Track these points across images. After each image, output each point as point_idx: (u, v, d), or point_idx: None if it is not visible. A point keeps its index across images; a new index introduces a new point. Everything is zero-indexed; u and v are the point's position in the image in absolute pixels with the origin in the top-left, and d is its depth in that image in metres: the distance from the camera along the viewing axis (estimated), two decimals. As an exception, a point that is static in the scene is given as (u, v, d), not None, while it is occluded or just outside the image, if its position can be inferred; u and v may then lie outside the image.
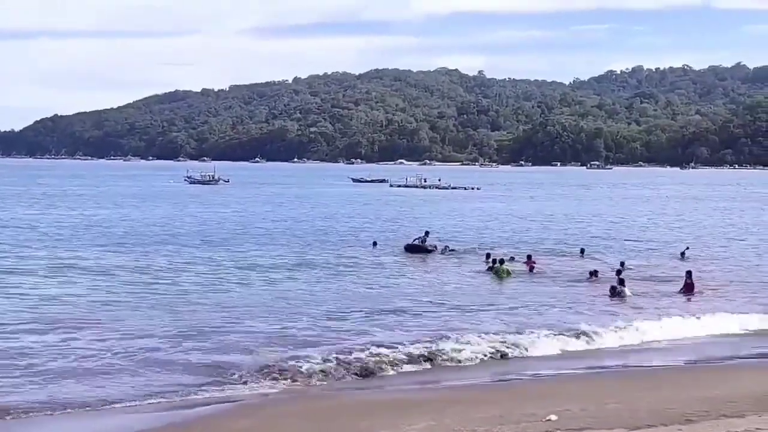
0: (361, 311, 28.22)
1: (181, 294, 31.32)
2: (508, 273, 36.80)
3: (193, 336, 23.95)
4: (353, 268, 39.48)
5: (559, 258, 43.93)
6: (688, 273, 33.80)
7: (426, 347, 22.67)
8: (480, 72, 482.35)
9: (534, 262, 39.31)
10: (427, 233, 46.90)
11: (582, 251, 45.66)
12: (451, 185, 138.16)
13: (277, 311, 27.99)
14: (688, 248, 45.81)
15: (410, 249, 44.68)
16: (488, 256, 40.41)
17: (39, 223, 62.85)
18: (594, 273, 36.50)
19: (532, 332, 24.68)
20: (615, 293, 32.06)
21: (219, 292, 32.11)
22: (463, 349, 22.59)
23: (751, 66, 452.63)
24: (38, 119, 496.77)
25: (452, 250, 44.80)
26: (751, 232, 63.32)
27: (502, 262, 37.98)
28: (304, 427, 15.64)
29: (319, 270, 38.42)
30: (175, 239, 51.64)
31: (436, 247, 44.81)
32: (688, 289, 32.96)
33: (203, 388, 19.03)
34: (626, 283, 32.82)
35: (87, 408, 17.51)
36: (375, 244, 47.80)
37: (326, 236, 54.57)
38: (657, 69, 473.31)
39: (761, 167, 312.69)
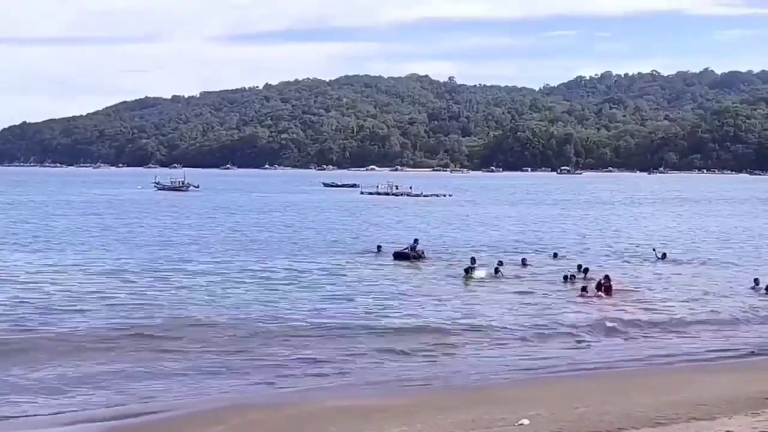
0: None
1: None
2: (471, 277, 37.27)
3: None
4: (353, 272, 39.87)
5: (533, 260, 44.14)
6: (606, 277, 34.15)
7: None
8: (450, 78, 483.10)
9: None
10: (416, 241, 47.11)
11: (555, 255, 46.05)
12: (423, 192, 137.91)
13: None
14: (662, 253, 46.07)
15: (399, 256, 44.77)
16: (473, 260, 40.68)
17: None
18: (570, 278, 36.62)
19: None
20: (584, 291, 32.76)
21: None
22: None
23: (718, 72, 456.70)
24: (6, 127, 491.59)
25: (423, 256, 44.82)
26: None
27: (471, 269, 38.31)
28: (273, 434, 15.52)
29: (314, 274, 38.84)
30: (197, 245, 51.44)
31: (424, 253, 44.93)
32: (606, 291, 33.09)
33: (172, 393, 18.96)
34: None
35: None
36: (379, 248, 47.62)
37: (322, 243, 54.25)
38: (626, 75, 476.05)
39: (729, 172, 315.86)
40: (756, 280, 36.23)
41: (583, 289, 33.04)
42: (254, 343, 24.02)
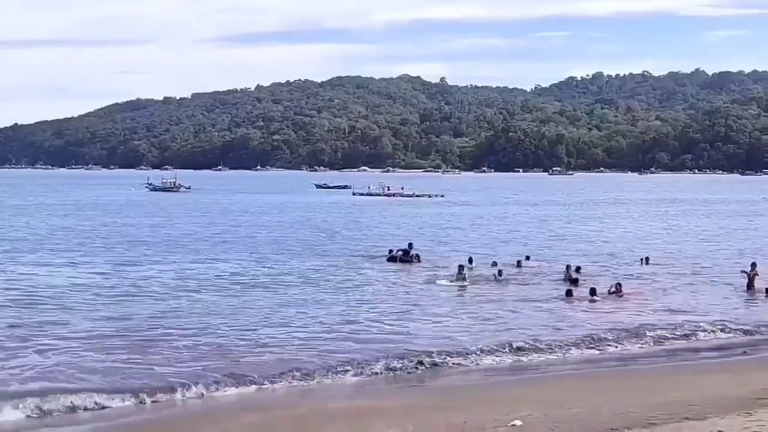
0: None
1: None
2: (465, 277, 36.99)
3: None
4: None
5: (527, 262, 43.85)
6: (618, 284, 34.33)
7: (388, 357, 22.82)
8: (442, 79, 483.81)
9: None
10: (410, 245, 46.57)
11: (527, 257, 45.39)
12: (415, 193, 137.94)
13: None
14: (645, 257, 45.82)
15: (392, 260, 44.39)
16: (470, 260, 40.69)
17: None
18: (574, 281, 36.44)
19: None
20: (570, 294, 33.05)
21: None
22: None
23: (709, 72, 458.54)
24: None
25: (417, 260, 44.55)
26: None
27: (461, 268, 38.09)
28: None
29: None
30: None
31: (418, 257, 44.60)
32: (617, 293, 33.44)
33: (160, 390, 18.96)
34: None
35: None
36: (390, 253, 45.92)
37: (314, 246, 53.74)
38: (617, 75, 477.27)
39: (720, 172, 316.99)
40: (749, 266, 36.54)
41: (568, 293, 33.09)
42: (244, 347, 23.78)
